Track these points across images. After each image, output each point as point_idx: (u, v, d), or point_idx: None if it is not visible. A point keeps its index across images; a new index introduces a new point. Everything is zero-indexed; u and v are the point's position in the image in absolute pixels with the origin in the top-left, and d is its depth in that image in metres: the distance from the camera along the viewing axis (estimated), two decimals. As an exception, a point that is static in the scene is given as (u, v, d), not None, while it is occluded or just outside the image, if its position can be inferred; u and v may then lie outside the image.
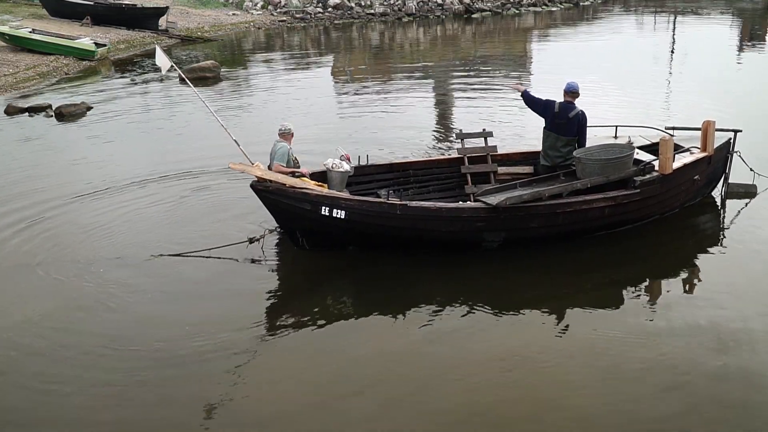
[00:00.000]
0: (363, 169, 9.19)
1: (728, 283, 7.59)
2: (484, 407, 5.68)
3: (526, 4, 38.82)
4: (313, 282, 7.98)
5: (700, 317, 6.91)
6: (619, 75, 19.00)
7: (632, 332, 6.68)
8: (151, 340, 6.66)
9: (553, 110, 8.71)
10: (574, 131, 8.69)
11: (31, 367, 6.32)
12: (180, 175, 11.31)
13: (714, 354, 6.29)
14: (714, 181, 9.83)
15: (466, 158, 9.61)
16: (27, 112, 15.89)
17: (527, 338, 6.66)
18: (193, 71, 19.97)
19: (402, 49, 27.41)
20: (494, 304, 7.26)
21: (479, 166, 9.61)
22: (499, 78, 19.59)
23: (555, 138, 8.78)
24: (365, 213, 7.84)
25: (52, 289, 7.71)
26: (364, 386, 5.99)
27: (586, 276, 7.95)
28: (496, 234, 8.14)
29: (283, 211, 8.02)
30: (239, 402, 5.81)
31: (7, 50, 22.17)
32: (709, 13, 36.73)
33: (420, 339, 6.66)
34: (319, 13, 35.32)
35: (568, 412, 5.59)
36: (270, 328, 6.97)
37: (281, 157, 8.34)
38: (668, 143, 8.37)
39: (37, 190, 10.69)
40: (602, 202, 8.25)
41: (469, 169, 9.55)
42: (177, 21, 29.36)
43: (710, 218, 9.58)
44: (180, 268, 8.06)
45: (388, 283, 7.76)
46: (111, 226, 9.27)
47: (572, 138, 8.73)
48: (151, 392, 5.92)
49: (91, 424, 5.58)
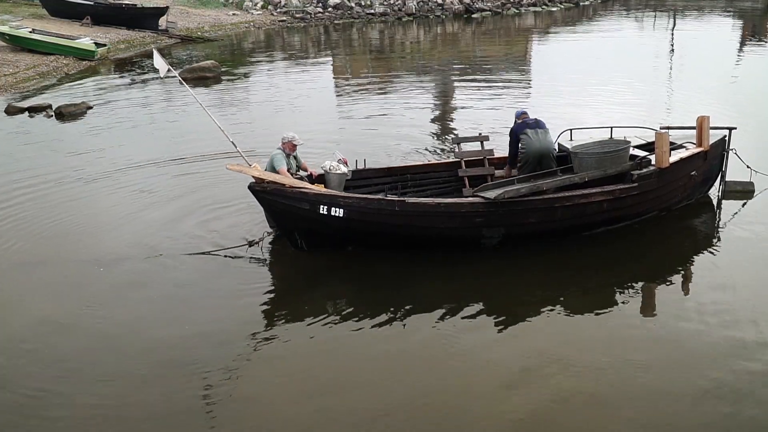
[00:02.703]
0: (361, 173, 9.22)
1: (728, 281, 7.60)
2: (483, 408, 5.68)
3: (526, 4, 38.86)
4: (312, 283, 7.98)
5: (698, 315, 6.91)
6: (619, 75, 19.02)
7: (632, 332, 6.70)
8: (150, 340, 6.67)
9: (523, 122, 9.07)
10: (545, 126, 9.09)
11: (30, 367, 6.32)
12: (180, 174, 11.33)
13: (714, 353, 6.30)
14: (711, 180, 9.85)
15: (463, 162, 9.63)
16: (27, 112, 15.93)
17: (527, 339, 6.66)
18: (193, 71, 20.04)
19: (402, 49, 27.43)
20: (494, 305, 7.27)
21: (477, 169, 9.63)
22: (499, 78, 19.61)
23: (544, 132, 9.01)
24: (364, 211, 7.84)
25: (51, 289, 7.72)
26: (363, 387, 5.99)
27: (586, 275, 7.95)
28: (495, 230, 8.14)
29: (281, 212, 8.00)
30: (238, 403, 5.81)
31: (7, 50, 22.21)
32: (710, 14, 36.76)
33: (419, 340, 6.65)
34: (319, 13, 35.37)
35: (569, 412, 5.59)
36: (269, 329, 6.96)
37: (278, 163, 8.38)
38: (663, 137, 8.44)
39: (36, 190, 10.70)
40: (600, 196, 8.28)
41: (466, 172, 9.57)
42: (177, 21, 29.42)
43: (708, 217, 9.57)
44: (179, 268, 8.06)
45: (387, 283, 7.76)
46: (111, 226, 9.28)
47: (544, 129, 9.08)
48: (151, 392, 5.92)
49: (90, 424, 5.58)
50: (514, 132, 9.11)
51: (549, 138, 9.00)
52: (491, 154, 9.76)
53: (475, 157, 9.74)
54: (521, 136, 8.97)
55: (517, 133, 9.03)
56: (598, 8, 40.21)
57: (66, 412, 5.71)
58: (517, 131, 9.06)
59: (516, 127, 9.11)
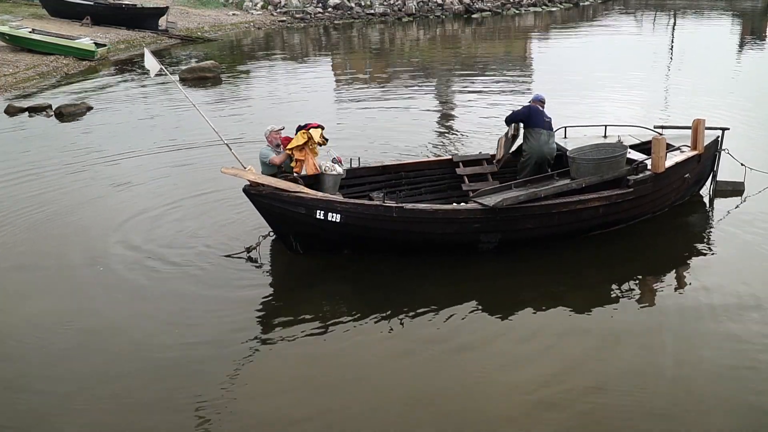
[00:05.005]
0: (355, 172, 9.21)
1: (723, 278, 7.69)
2: (483, 408, 5.71)
3: (526, 5, 38.87)
4: (308, 286, 8.00)
5: (695, 314, 6.99)
6: (619, 75, 19.05)
7: (633, 331, 6.77)
8: (149, 341, 6.70)
9: (541, 111, 9.11)
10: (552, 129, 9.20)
11: (30, 367, 6.35)
12: (180, 174, 11.36)
13: (711, 351, 6.38)
14: (703, 180, 9.96)
15: (461, 163, 9.67)
16: (27, 112, 15.96)
17: (527, 340, 6.71)
18: (192, 71, 20.07)
19: (402, 49, 27.44)
20: (492, 307, 7.30)
21: (475, 168, 9.66)
22: (499, 78, 19.63)
23: (548, 135, 9.07)
24: (361, 216, 7.85)
25: (51, 288, 7.76)
26: (363, 388, 6.02)
27: (582, 276, 7.99)
28: (492, 235, 8.18)
29: (277, 216, 8.01)
30: (238, 404, 5.84)
31: (7, 50, 22.23)
32: (709, 14, 36.75)
33: (417, 343, 6.68)
34: (319, 13, 35.37)
35: (568, 413, 5.63)
36: (267, 330, 7.00)
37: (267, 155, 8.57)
38: (660, 142, 8.46)
39: (36, 190, 10.73)
40: (597, 201, 8.32)
41: (464, 171, 9.59)
42: (177, 21, 29.42)
43: (700, 216, 9.70)
44: (178, 271, 8.08)
45: (383, 286, 7.79)
46: (111, 226, 9.30)
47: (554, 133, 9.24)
48: (150, 394, 5.95)
49: (90, 425, 5.61)
50: (528, 113, 9.10)
51: (553, 143, 9.09)
52: (490, 162, 9.76)
53: (472, 157, 9.78)
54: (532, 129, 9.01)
55: (529, 117, 9.05)
56: (598, 8, 40.21)
57: (64, 412, 5.75)
58: (530, 116, 9.05)
59: (532, 112, 9.08)
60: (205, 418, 5.65)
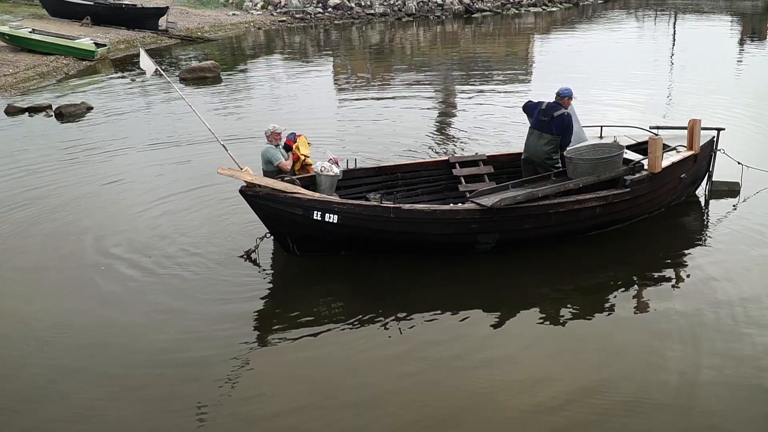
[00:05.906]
0: (351, 173, 9.19)
1: (719, 278, 7.71)
2: (480, 410, 5.73)
3: (526, 5, 38.86)
4: (306, 287, 7.99)
5: (693, 314, 7.01)
6: (618, 74, 19.07)
7: (630, 332, 6.79)
8: (148, 341, 6.72)
9: (540, 107, 8.93)
10: (554, 131, 8.77)
11: (30, 367, 6.37)
12: (180, 174, 11.37)
13: (709, 351, 6.42)
14: (699, 180, 9.99)
15: (458, 164, 9.69)
16: (27, 112, 15.99)
17: (525, 340, 6.73)
18: (192, 71, 20.10)
19: (402, 49, 27.45)
20: (490, 307, 7.32)
21: (472, 169, 9.67)
22: (499, 79, 19.64)
23: (538, 135, 8.89)
24: (358, 217, 7.85)
25: (51, 288, 7.78)
26: (362, 388, 6.03)
27: (579, 276, 8.01)
28: (490, 236, 8.20)
29: (274, 217, 8.00)
30: (237, 404, 5.86)
31: (7, 50, 22.25)
32: (710, 14, 36.73)
33: (415, 343, 6.69)
34: (319, 13, 35.38)
35: (568, 414, 5.65)
36: (266, 332, 7.02)
37: (277, 158, 8.46)
38: (657, 142, 8.48)
39: (36, 190, 10.76)
40: (594, 201, 8.34)
41: (461, 172, 9.61)
42: (177, 21, 29.46)
43: (696, 217, 9.74)
44: (177, 272, 8.09)
45: (381, 287, 7.81)
46: (112, 227, 9.33)
47: (553, 137, 8.79)
48: (150, 394, 5.97)
49: (90, 425, 5.64)
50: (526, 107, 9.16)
51: (545, 146, 8.79)
52: (486, 163, 9.78)
53: (469, 158, 9.80)
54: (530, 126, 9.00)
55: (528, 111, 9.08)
56: (598, 8, 40.18)
57: (64, 412, 5.77)
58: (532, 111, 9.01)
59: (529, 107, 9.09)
60: (205, 419, 5.66)
